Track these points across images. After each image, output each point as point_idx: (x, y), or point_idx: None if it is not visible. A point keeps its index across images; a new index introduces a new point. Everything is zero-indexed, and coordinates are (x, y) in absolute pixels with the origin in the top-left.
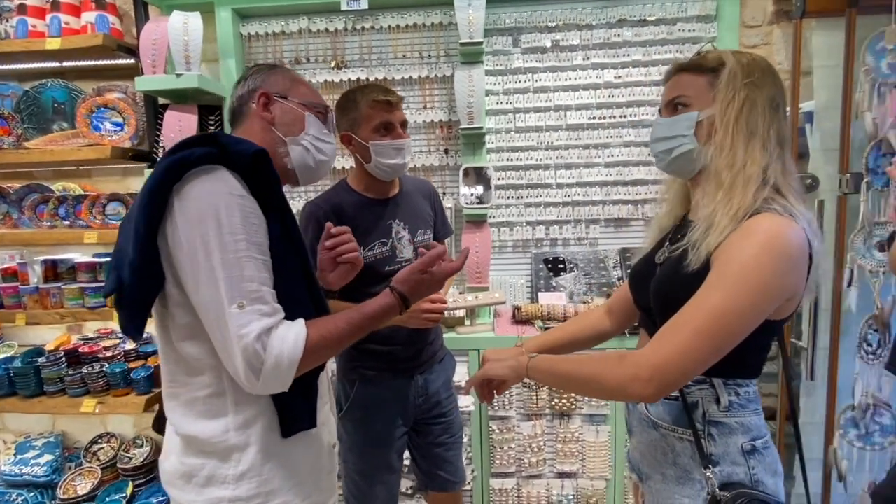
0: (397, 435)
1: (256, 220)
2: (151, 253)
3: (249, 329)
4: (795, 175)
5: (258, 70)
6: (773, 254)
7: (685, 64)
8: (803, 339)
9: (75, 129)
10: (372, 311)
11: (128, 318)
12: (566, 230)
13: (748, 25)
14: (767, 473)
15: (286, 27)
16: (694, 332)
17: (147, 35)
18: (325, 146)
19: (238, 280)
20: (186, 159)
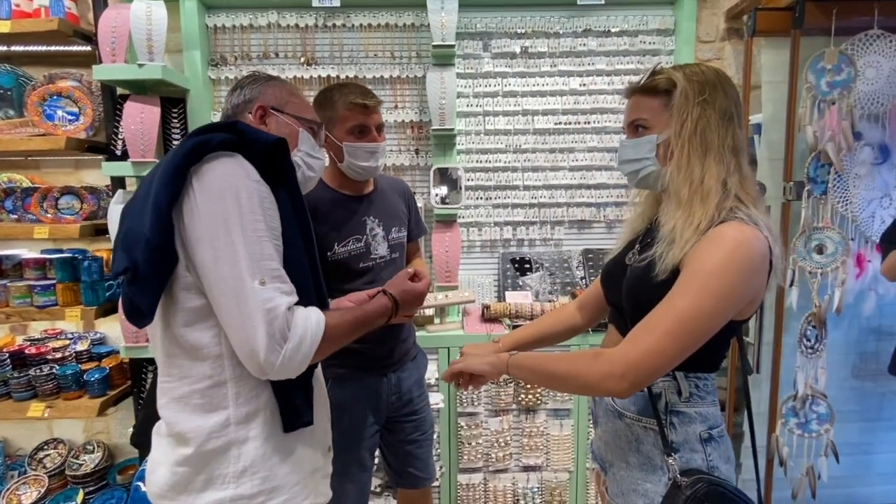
0: (369, 433)
1: (270, 205)
2: (168, 230)
3: (277, 303)
4: (754, 181)
5: (255, 80)
6: (737, 261)
7: (638, 86)
8: (750, 335)
9: (24, 118)
10: (373, 313)
11: (141, 299)
12: (532, 231)
13: (703, 41)
14: (722, 460)
15: (254, 20)
16: (664, 333)
17: (106, 22)
18: (314, 162)
19: (258, 257)
20: (207, 143)
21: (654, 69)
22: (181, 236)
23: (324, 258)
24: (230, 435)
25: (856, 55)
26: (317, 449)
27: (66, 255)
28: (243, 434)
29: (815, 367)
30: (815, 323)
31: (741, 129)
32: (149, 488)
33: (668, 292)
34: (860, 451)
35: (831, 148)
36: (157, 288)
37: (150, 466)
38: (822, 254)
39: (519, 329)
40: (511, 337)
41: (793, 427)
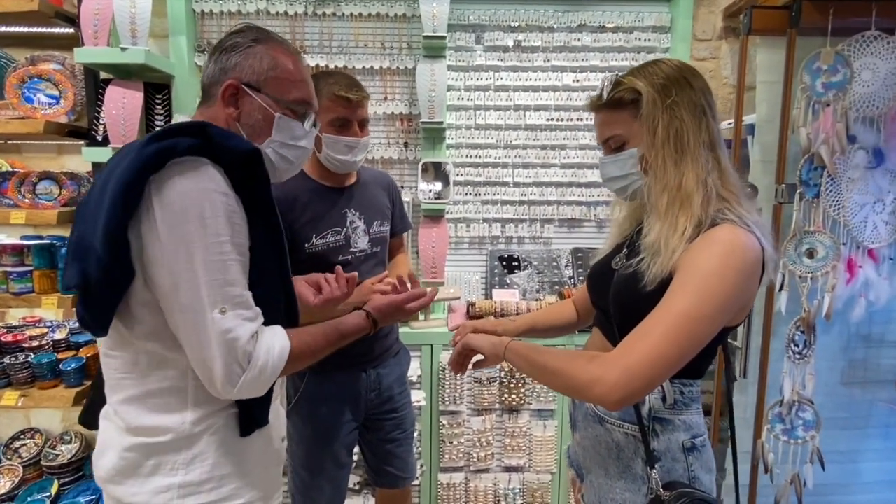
0: (347, 430)
1: (239, 220)
2: (121, 247)
3: (237, 334)
4: (734, 174)
5: (234, 45)
6: (733, 264)
7: (602, 102)
8: (738, 339)
9: (4, 100)
10: (347, 330)
11: (94, 316)
12: (521, 228)
13: (699, 39)
14: (704, 470)
15: (243, 6)
16: (662, 336)
17: (89, 5)
18: (292, 152)
19: (221, 284)
20: (171, 150)
21: (614, 79)
22: (138, 253)
23: (302, 250)
24: (185, 432)
25: (852, 56)
26: (270, 442)
27: (45, 241)
28: (198, 430)
29: (803, 373)
30: (803, 328)
31: (715, 119)
32: (96, 473)
33: (657, 302)
34: (848, 459)
35: (825, 150)
36: (111, 305)
37: (99, 450)
38: (812, 258)
39: (535, 313)
40: (526, 319)
41: (779, 433)
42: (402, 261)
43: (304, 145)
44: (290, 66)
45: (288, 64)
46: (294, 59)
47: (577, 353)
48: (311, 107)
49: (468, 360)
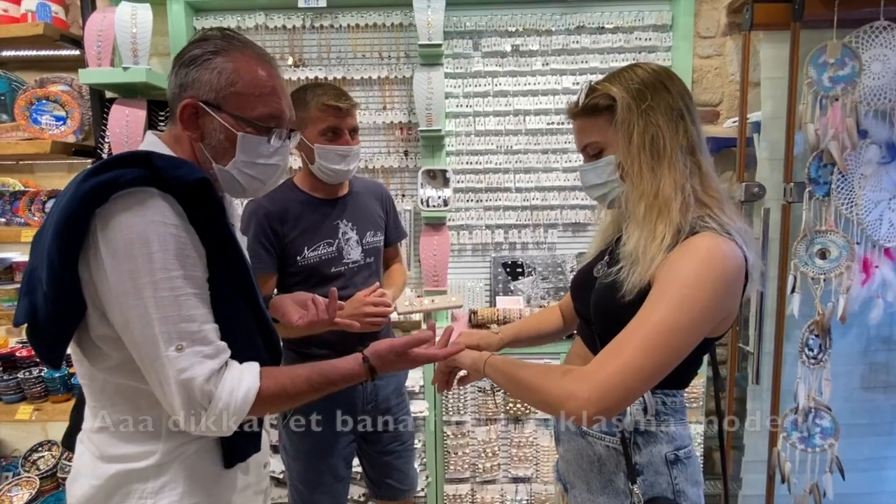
0: (344, 442)
1: (193, 252)
2: (69, 283)
3: (193, 373)
4: (716, 179)
5: (192, 59)
6: (712, 272)
7: (578, 109)
8: (750, 343)
9: (14, 122)
10: (336, 376)
11: (44, 350)
12: (525, 234)
13: (702, 36)
14: (689, 483)
15: (242, 22)
16: (637, 349)
17: (92, 26)
18: (259, 171)
19: (175, 320)
20: (112, 182)
21: (590, 85)
22: (90, 288)
23: (294, 262)
24: (156, 461)
25: (861, 48)
26: (247, 469)
27: None
28: (168, 459)
29: (819, 379)
30: (818, 332)
31: (695, 123)
32: (69, 500)
33: (636, 311)
34: (873, 467)
35: (834, 147)
36: (60, 340)
37: (72, 476)
38: (825, 259)
39: (521, 321)
40: (511, 329)
41: (795, 441)
42: (398, 270)
43: (276, 162)
44: (253, 77)
45: (251, 75)
46: (260, 67)
47: (552, 368)
48: (281, 120)
49: (453, 377)
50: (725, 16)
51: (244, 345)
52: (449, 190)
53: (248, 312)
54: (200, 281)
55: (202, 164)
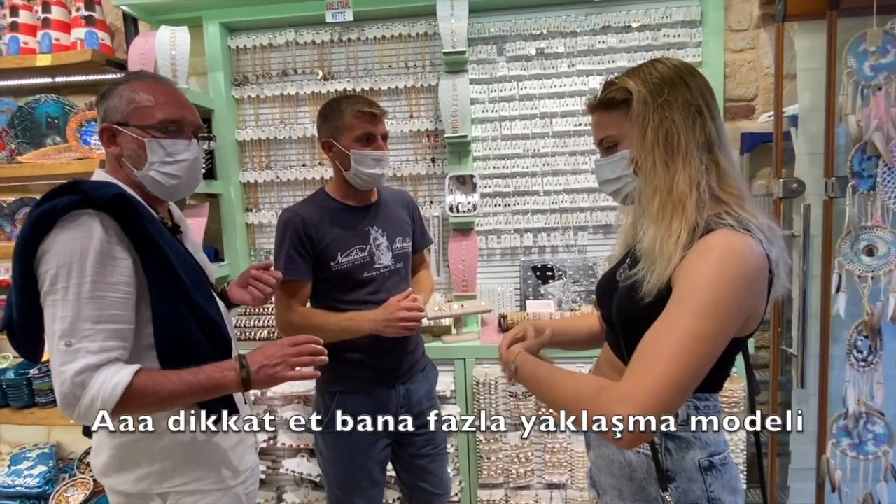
0: (379, 447)
1: (115, 260)
2: (31, 294)
3: (68, 367)
4: (736, 176)
5: (104, 94)
6: (730, 273)
7: (596, 102)
8: (793, 346)
9: (67, 143)
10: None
11: (22, 349)
12: (554, 237)
13: (734, 30)
14: (725, 491)
15: (273, 40)
16: (669, 360)
17: (135, 50)
18: (174, 168)
19: (73, 320)
20: (52, 212)
21: (608, 80)
22: None
23: (328, 268)
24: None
25: None
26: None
27: None
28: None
29: (870, 382)
30: (866, 332)
31: (715, 120)
32: (93, 469)
33: (656, 314)
34: None
35: (879, 138)
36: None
37: (94, 450)
38: (872, 256)
39: (559, 322)
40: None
41: (846, 448)
42: (425, 276)
43: (185, 157)
44: (148, 92)
45: (146, 92)
46: (155, 86)
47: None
48: (180, 123)
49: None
50: (758, 7)
51: (183, 340)
52: (476, 195)
53: (186, 310)
54: (119, 285)
55: (129, 176)
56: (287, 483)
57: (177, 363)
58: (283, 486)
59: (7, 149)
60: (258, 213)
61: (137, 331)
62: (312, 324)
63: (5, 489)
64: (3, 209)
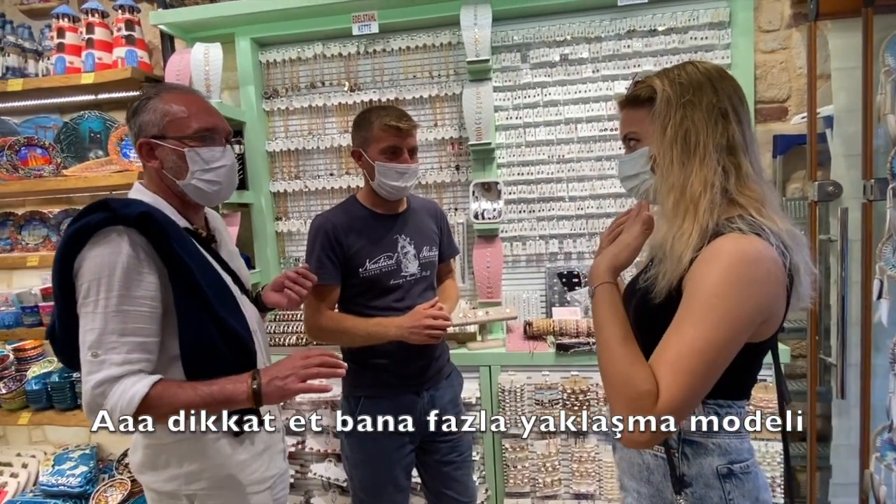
0: (404, 452)
1: (141, 275)
2: (70, 305)
3: (91, 377)
4: (759, 181)
5: (136, 109)
6: (738, 278)
7: (623, 99)
8: (832, 355)
9: (109, 157)
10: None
11: (62, 356)
12: (580, 243)
13: (764, 30)
14: (747, 500)
15: (302, 53)
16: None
17: (171, 67)
18: (213, 174)
19: (100, 332)
20: (85, 229)
21: (637, 79)
22: None
23: (356, 274)
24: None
25: None
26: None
27: None
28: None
29: None
30: None
31: (741, 124)
32: (131, 466)
33: (667, 315)
34: None
35: None
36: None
37: (132, 447)
38: None
39: None
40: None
41: (891, 463)
42: (451, 286)
43: (223, 163)
44: (181, 105)
45: (179, 105)
46: (185, 97)
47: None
48: (214, 130)
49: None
50: (789, 7)
51: (207, 351)
52: (501, 202)
53: (209, 322)
54: (143, 300)
55: (171, 188)
56: (315, 487)
57: (201, 373)
58: (310, 490)
59: (53, 162)
60: (287, 222)
61: (164, 342)
62: (340, 328)
63: (49, 488)
64: (50, 220)
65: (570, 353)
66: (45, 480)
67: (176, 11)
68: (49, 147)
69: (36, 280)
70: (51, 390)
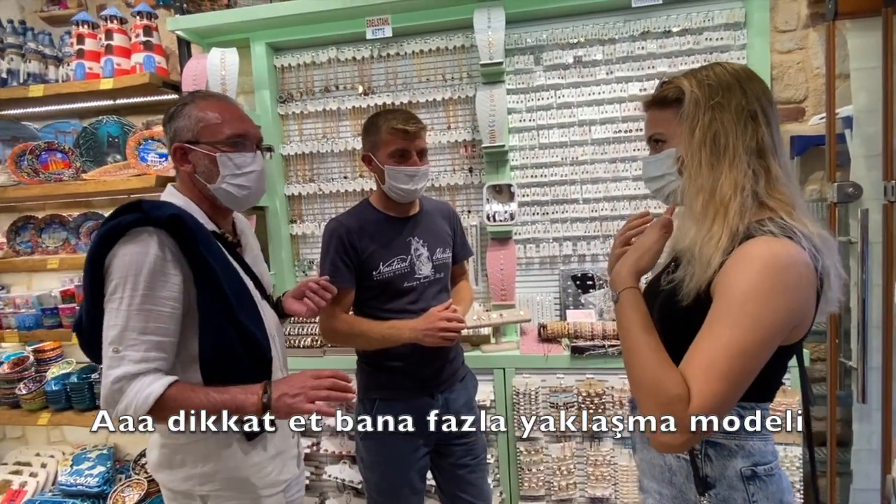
0: (419, 455)
1: (166, 276)
2: (99, 301)
3: (111, 372)
4: (788, 184)
5: (171, 115)
6: (772, 283)
7: (650, 100)
8: (853, 358)
9: (126, 161)
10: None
11: (88, 349)
12: (594, 246)
13: (781, 30)
14: (770, 502)
15: (316, 58)
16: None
17: (188, 72)
18: (243, 179)
19: (122, 329)
20: (116, 229)
21: (664, 79)
22: None
23: (370, 277)
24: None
25: None
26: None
27: None
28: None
29: None
30: None
31: (770, 126)
32: (149, 465)
33: (693, 318)
34: None
35: None
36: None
37: (149, 446)
38: None
39: None
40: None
41: None
42: (465, 287)
43: (254, 169)
44: (215, 112)
45: (213, 110)
46: (219, 104)
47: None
48: (246, 136)
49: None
50: (806, 7)
51: (225, 354)
52: (514, 204)
53: (229, 326)
54: (167, 299)
55: (202, 192)
56: (329, 489)
57: (218, 376)
58: (325, 492)
59: (73, 167)
60: (302, 225)
61: (184, 343)
62: (355, 331)
63: (68, 487)
64: (70, 223)
65: (585, 356)
66: (63, 480)
67: (192, 17)
68: (69, 151)
69: (55, 282)
70: (70, 391)
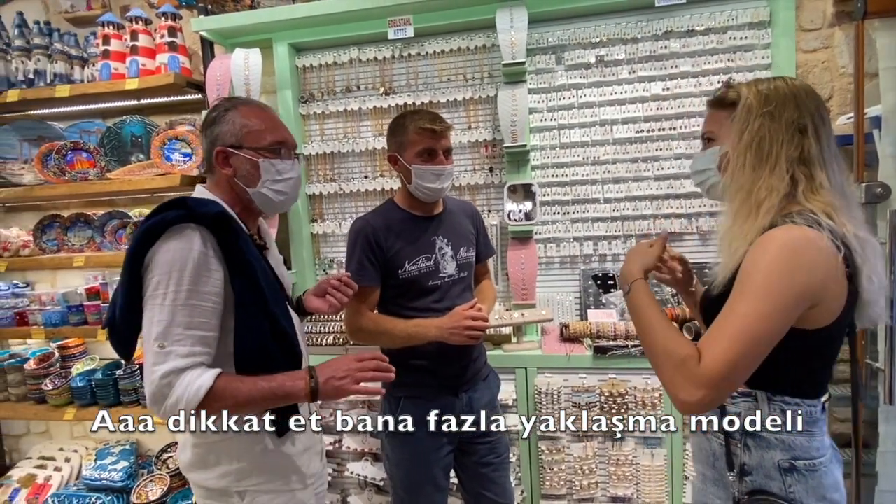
0: (443, 453)
1: (209, 272)
2: (136, 298)
3: (158, 368)
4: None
5: (213, 120)
6: (784, 258)
7: (711, 99)
8: (879, 359)
9: (150, 160)
10: (279, 388)
11: (119, 346)
12: (616, 245)
13: (806, 29)
14: (811, 496)
15: (338, 58)
16: (731, 340)
17: (212, 72)
18: (282, 185)
19: (167, 324)
20: (160, 224)
21: (728, 82)
22: None
23: (395, 276)
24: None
25: None
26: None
27: None
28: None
29: None
30: None
31: (820, 142)
32: (180, 464)
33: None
34: None
35: None
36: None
37: (180, 446)
38: None
39: None
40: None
41: None
42: (488, 286)
43: (292, 175)
44: (258, 118)
45: (256, 117)
46: (261, 112)
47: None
48: (286, 143)
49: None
50: (832, 5)
51: (260, 350)
52: (529, 203)
53: (264, 321)
54: (209, 295)
55: (240, 195)
56: (351, 486)
57: (251, 371)
58: (347, 488)
59: (98, 166)
60: (323, 224)
61: (220, 338)
62: (381, 329)
63: (93, 482)
64: (94, 221)
65: (607, 356)
66: (88, 475)
67: (216, 18)
68: (94, 151)
69: (80, 280)
70: (95, 387)
